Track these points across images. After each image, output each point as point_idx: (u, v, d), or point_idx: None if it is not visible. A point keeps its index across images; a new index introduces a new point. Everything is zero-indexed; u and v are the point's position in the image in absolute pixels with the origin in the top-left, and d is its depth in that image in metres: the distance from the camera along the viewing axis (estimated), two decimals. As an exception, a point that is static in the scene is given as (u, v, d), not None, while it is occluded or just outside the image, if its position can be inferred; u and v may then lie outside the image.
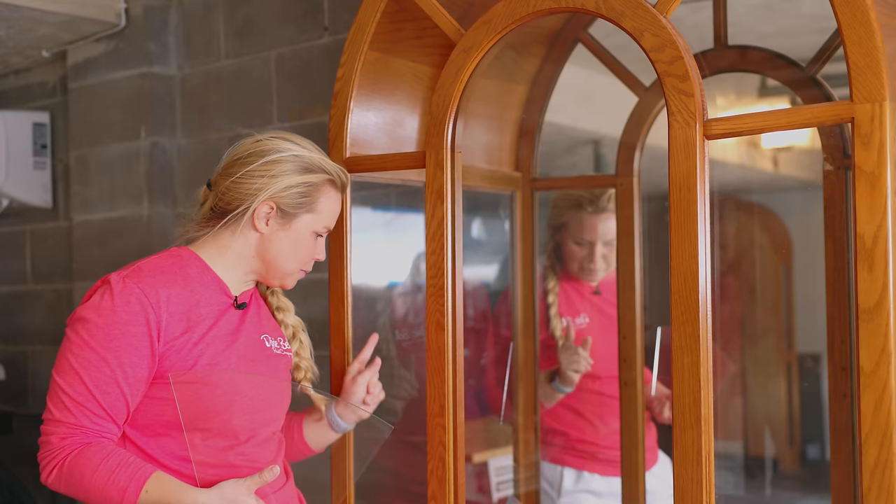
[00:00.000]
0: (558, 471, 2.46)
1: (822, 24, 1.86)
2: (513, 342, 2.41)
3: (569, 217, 2.48)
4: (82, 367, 1.55)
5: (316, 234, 1.72)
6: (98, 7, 2.99)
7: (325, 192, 1.71)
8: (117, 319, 1.56)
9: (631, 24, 1.55)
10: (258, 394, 1.66)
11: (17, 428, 3.47)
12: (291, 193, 1.67)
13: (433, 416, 1.76)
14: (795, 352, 4.09)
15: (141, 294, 1.57)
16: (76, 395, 1.55)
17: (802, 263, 3.83)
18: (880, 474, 1.34)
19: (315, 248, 1.73)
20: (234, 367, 1.63)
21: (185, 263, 1.67)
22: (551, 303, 2.48)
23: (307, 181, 1.68)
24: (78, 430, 1.56)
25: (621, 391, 2.32)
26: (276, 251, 1.69)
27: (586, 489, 2.44)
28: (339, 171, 1.74)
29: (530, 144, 2.40)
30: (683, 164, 1.48)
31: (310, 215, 1.70)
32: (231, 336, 1.65)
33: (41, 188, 3.44)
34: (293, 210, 1.68)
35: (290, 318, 1.81)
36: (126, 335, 1.55)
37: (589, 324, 2.49)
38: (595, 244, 2.45)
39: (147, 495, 1.51)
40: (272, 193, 1.66)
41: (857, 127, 1.36)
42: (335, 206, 1.74)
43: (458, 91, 1.77)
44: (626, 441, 2.32)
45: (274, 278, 1.72)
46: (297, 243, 1.70)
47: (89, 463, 1.53)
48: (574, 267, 2.50)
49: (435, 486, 1.76)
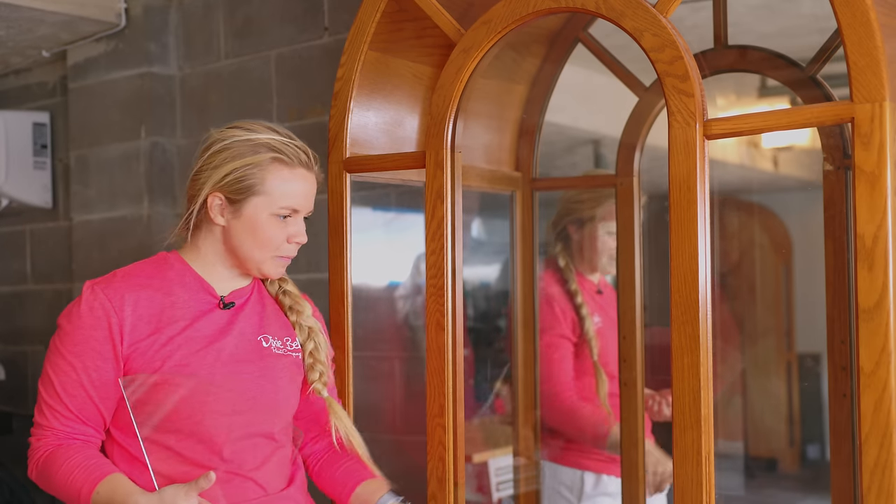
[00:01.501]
0: (578, 475, 2.44)
1: (822, 24, 1.86)
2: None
3: (604, 208, 2.44)
4: (54, 373, 1.62)
5: (278, 216, 1.65)
6: (98, 7, 2.99)
7: (273, 171, 1.64)
8: (82, 324, 1.60)
9: (631, 24, 1.55)
10: (237, 395, 1.63)
11: (17, 428, 3.47)
12: (231, 180, 1.64)
13: (433, 416, 1.76)
14: (795, 352, 4.10)
15: (105, 299, 1.61)
16: (49, 399, 1.63)
17: (802, 263, 3.83)
18: (880, 474, 1.34)
19: (284, 230, 1.66)
20: (210, 368, 1.62)
21: (168, 266, 1.68)
22: (581, 303, 2.44)
23: (246, 163, 1.63)
24: (50, 431, 1.63)
25: (621, 391, 2.32)
26: (238, 241, 1.66)
27: (604, 492, 2.43)
28: (290, 147, 1.66)
29: (530, 144, 2.40)
30: (683, 164, 1.48)
31: (258, 198, 1.64)
32: (213, 336, 1.64)
33: (41, 188, 3.44)
34: (238, 196, 1.64)
35: (306, 320, 1.77)
36: (89, 340, 1.60)
37: (601, 324, 2.48)
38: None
39: (98, 496, 1.55)
40: (214, 183, 1.64)
41: (856, 127, 1.36)
42: (291, 185, 1.65)
43: (458, 91, 1.77)
44: (627, 441, 2.32)
45: (251, 268, 1.69)
46: (256, 229, 1.65)
47: (55, 463, 1.60)
48: (602, 260, 2.47)
49: (435, 485, 1.76)
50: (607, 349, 2.43)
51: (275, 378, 1.69)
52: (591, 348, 2.43)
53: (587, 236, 2.48)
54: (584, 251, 2.50)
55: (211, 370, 1.62)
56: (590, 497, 2.43)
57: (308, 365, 1.75)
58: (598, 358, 2.42)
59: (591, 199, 2.48)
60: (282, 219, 1.66)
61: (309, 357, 1.75)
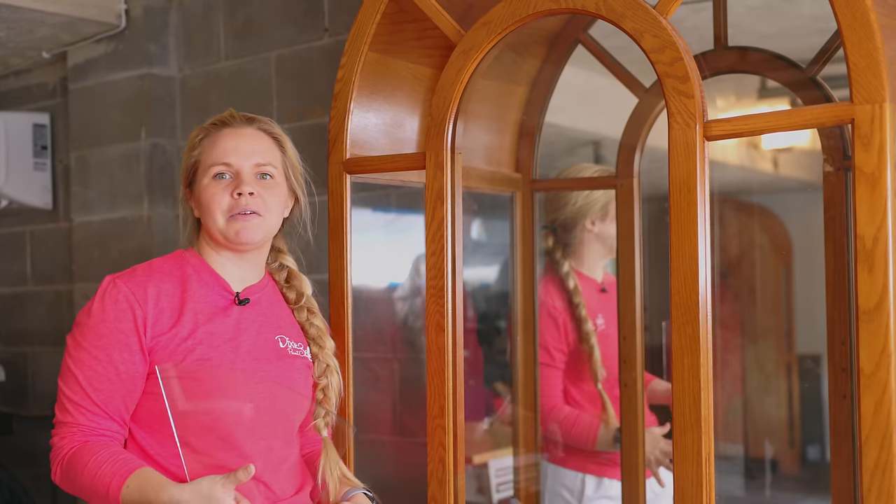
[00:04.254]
0: (580, 478, 2.43)
1: (823, 25, 1.86)
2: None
3: (606, 195, 2.43)
4: (77, 368, 1.59)
5: (216, 175, 1.67)
6: (98, 8, 2.99)
7: (204, 143, 1.71)
8: (106, 317, 1.59)
9: (631, 25, 1.55)
10: (257, 394, 1.64)
11: (18, 429, 3.47)
12: (184, 169, 1.73)
13: (433, 417, 1.76)
14: (795, 353, 4.09)
15: (128, 291, 1.60)
16: (73, 395, 1.59)
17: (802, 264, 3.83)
18: (880, 475, 1.34)
19: (226, 189, 1.66)
20: (231, 364, 1.62)
21: (185, 262, 1.70)
22: (579, 303, 2.42)
23: (189, 150, 1.73)
24: (76, 428, 1.59)
25: (621, 392, 2.32)
26: (203, 218, 1.69)
27: (605, 495, 2.43)
28: (217, 117, 1.74)
29: (530, 146, 2.40)
30: (683, 165, 1.48)
31: (199, 171, 1.70)
32: (231, 332, 1.65)
33: (41, 189, 3.44)
34: (190, 178, 1.72)
35: (325, 357, 1.76)
36: (114, 332, 1.59)
37: (605, 326, 2.47)
38: None
39: (128, 490, 1.52)
40: (182, 182, 1.74)
41: (857, 128, 1.36)
42: (219, 143, 1.69)
43: (458, 92, 1.77)
44: (627, 442, 2.31)
45: (228, 240, 1.67)
46: (201, 197, 1.68)
47: (81, 460, 1.56)
48: (602, 253, 2.46)
49: (435, 487, 1.76)
50: (608, 353, 2.42)
51: (292, 380, 1.69)
52: (594, 372, 2.40)
53: (579, 233, 2.46)
54: (582, 248, 2.48)
55: (231, 366, 1.62)
56: (590, 500, 2.42)
57: (317, 400, 1.74)
58: (603, 362, 2.40)
59: (574, 196, 2.46)
60: (221, 178, 1.67)
61: (320, 393, 1.74)
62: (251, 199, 1.66)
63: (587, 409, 2.42)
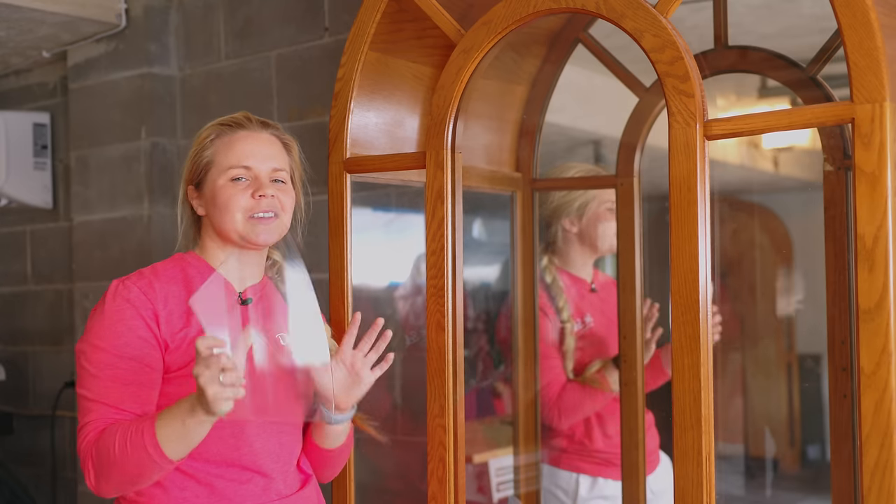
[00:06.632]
0: (574, 478, 2.42)
1: (823, 24, 1.86)
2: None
3: (585, 196, 2.41)
4: (98, 370, 1.58)
5: (233, 180, 1.67)
6: (98, 8, 2.99)
7: (217, 143, 1.70)
8: (121, 316, 1.59)
9: (631, 24, 1.55)
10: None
11: (18, 428, 3.47)
12: (191, 167, 1.72)
13: (433, 416, 1.76)
14: (796, 352, 4.10)
15: (139, 291, 1.61)
16: (94, 396, 1.57)
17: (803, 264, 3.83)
18: (881, 475, 1.34)
19: (245, 191, 1.67)
20: None
21: (186, 265, 1.71)
22: (562, 307, 2.42)
23: (198, 148, 1.72)
24: (101, 422, 1.56)
25: (621, 391, 2.32)
26: (213, 218, 1.69)
27: (600, 495, 2.42)
28: (231, 118, 1.73)
29: (531, 145, 2.40)
30: (684, 164, 1.48)
31: (212, 171, 1.69)
32: (238, 333, 1.65)
33: (41, 189, 3.44)
34: (199, 178, 1.71)
35: None
36: (131, 329, 1.59)
37: (594, 324, 2.47)
38: None
39: (161, 432, 1.47)
40: (185, 179, 1.74)
41: (857, 127, 1.36)
42: (235, 147, 1.70)
43: (459, 92, 1.77)
44: (627, 442, 2.31)
45: (245, 240, 1.68)
46: (216, 197, 1.67)
47: (108, 440, 1.52)
48: (605, 246, 2.45)
49: (435, 486, 1.76)
50: (597, 352, 2.41)
51: None
52: (565, 363, 2.39)
53: (587, 225, 2.44)
54: (566, 248, 2.47)
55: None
56: (585, 500, 2.42)
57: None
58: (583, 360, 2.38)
59: (553, 196, 2.45)
60: (239, 181, 1.68)
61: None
62: (272, 202, 1.68)
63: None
